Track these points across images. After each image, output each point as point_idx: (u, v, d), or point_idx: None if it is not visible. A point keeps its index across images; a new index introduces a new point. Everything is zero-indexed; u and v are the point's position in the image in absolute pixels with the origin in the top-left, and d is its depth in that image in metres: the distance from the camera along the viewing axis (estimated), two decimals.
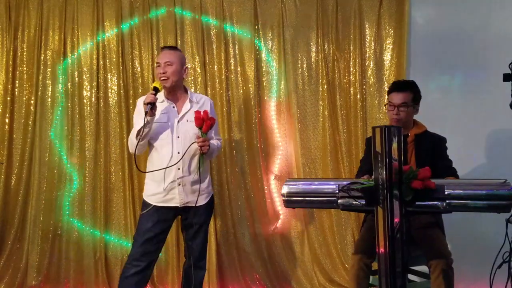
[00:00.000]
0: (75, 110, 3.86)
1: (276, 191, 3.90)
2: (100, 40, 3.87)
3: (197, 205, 2.87)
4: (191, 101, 2.92)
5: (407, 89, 2.84)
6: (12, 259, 3.80)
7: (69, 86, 3.87)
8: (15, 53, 3.88)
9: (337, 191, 2.19)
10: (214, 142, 2.95)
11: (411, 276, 2.99)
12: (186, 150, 2.80)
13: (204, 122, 2.77)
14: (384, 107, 3.90)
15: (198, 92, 3.87)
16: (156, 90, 2.79)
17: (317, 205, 2.53)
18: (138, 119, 2.81)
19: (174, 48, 3.02)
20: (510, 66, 2.38)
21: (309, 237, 3.89)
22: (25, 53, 3.88)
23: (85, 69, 3.88)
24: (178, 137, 2.84)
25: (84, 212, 3.83)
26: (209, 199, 2.98)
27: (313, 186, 2.30)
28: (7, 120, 3.85)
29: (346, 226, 3.86)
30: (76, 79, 3.88)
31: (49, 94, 3.88)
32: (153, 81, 3.85)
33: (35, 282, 3.74)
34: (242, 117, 3.91)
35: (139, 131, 2.75)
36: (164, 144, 2.85)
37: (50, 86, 3.88)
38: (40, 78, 3.86)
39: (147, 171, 2.91)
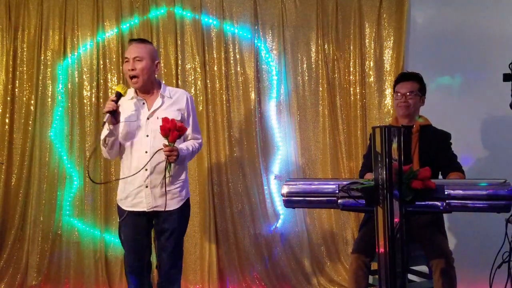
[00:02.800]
0: (75, 110, 3.85)
1: (276, 191, 3.90)
2: (100, 40, 3.86)
3: (167, 209, 2.62)
4: (162, 96, 2.68)
5: (414, 79, 2.87)
6: (12, 259, 3.80)
7: (69, 86, 3.87)
8: (15, 53, 3.87)
9: (337, 191, 2.19)
10: (189, 145, 2.70)
11: (411, 276, 2.98)
12: (155, 153, 2.56)
13: (170, 133, 2.48)
14: (383, 107, 3.90)
15: (198, 92, 3.87)
16: (119, 95, 2.59)
17: (317, 205, 2.52)
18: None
19: (143, 41, 2.74)
20: (510, 66, 2.38)
21: (309, 237, 3.89)
22: (25, 53, 3.88)
23: (85, 69, 3.87)
24: (147, 135, 2.60)
25: (84, 212, 3.83)
26: (183, 204, 2.71)
27: (313, 186, 2.30)
28: (7, 120, 3.84)
29: (346, 226, 3.86)
30: (76, 79, 3.87)
31: (49, 94, 3.88)
32: None
33: (35, 282, 3.74)
34: (242, 117, 3.91)
35: (104, 140, 2.61)
36: (133, 143, 2.64)
37: (50, 86, 3.88)
38: (40, 78, 3.85)
39: (119, 176, 2.73)
